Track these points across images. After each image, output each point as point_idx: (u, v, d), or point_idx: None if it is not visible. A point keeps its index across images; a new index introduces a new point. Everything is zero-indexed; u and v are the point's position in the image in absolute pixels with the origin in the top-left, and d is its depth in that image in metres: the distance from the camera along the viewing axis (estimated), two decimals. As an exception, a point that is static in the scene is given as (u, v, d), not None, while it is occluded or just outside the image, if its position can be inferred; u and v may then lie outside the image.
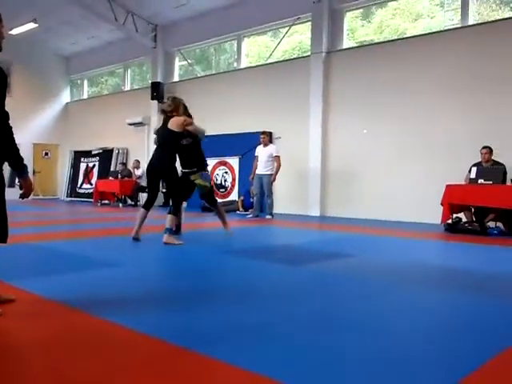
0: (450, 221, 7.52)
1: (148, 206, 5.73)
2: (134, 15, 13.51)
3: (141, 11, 13.44)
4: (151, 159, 5.70)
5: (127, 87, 16.21)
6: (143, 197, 14.03)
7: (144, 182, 13.70)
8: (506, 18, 8.73)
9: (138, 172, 13.81)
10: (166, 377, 1.82)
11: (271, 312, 2.75)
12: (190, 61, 14.30)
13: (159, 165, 5.58)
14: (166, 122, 5.63)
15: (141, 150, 14.89)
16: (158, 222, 6.31)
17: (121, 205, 13.59)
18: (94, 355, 2.03)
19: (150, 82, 14.49)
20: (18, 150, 2.64)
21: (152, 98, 14.04)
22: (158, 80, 14.12)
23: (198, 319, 2.57)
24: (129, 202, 13.99)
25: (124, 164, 14.60)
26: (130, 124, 14.89)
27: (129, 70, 16.25)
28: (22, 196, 2.78)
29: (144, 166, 14.30)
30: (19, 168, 2.67)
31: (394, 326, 2.53)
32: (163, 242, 5.40)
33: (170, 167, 5.53)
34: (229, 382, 1.81)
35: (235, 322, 2.52)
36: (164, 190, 6.17)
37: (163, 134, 5.63)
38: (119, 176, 13.84)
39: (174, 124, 5.52)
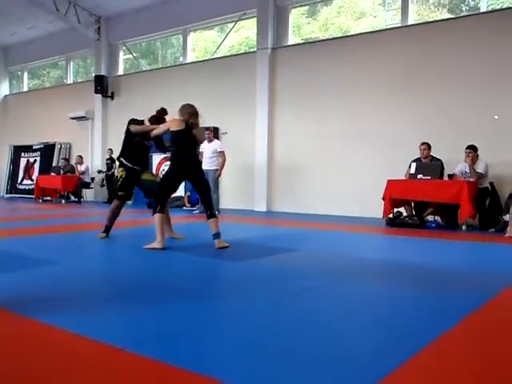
0: (391, 215, 7.74)
1: (162, 210, 5.04)
2: (77, 6, 13.10)
3: (83, 2, 13.04)
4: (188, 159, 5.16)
5: (70, 80, 15.72)
6: (86, 193, 13.69)
7: (87, 178, 13.37)
8: (444, 20, 9.05)
9: (82, 168, 13.42)
10: (101, 378, 1.77)
11: (206, 309, 2.73)
12: (135, 54, 14.02)
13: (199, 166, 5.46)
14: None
15: (84, 145, 14.50)
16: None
17: (63, 201, 13.19)
18: (27, 357, 1.94)
19: (93, 75, 14.10)
20: None
21: (96, 92, 13.69)
22: (102, 73, 13.78)
23: (130, 318, 2.52)
24: (72, 198, 13.59)
25: (67, 159, 14.15)
26: (73, 118, 14.46)
27: (71, 63, 15.75)
28: None
29: (87, 161, 13.99)
30: None
31: (327, 320, 2.56)
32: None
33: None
34: (166, 382, 1.78)
35: (168, 321, 2.49)
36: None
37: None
38: (61, 172, 13.42)
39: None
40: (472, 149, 7.50)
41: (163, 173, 5.66)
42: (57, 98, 15.32)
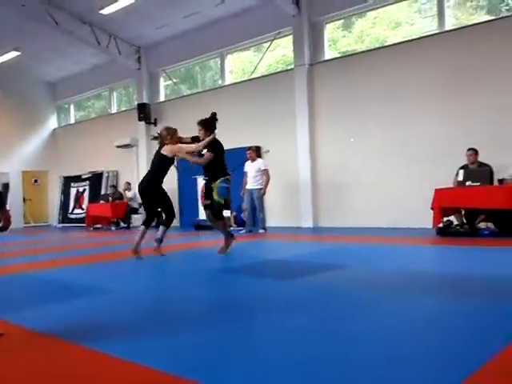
0: (441, 224, 7.55)
1: (147, 223, 6.18)
2: (117, 38, 13.58)
3: (123, 34, 13.51)
4: (140, 182, 6.30)
5: (114, 110, 16.23)
6: (135, 219, 13.99)
7: (136, 204, 13.68)
8: (483, 22, 8.87)
9: (129, 194, 13.76)
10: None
11: (262, 327, 2.74)
12: (175, 80, 14.37)
13: (144, 187, 6.15)
14: (160, 148, 6.21)
15: (130, 172, 14.87)
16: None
17: (114, 228, 13.53)
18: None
19: (136, 103, 14.53)
20: None
21: (139, 119, 14.07)
22: (144, 101, 14.17)
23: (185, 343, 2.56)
24: (122, 224, 13.92)
25: (114, 187, 14.56)
26: (119, 146, 14.86)
27: (114, 93, 16.28)
28: (1, 229, 2.76)
29: (135, 187, 14.32)
30: None
31: (382, 334, 2.52)
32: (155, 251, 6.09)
33: (153, 188, 6.09)
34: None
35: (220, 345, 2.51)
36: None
37: (155, 159, 6.28)
38: (110, 199, 13.79)
39: (167, 150, 6.09)
40: (522, 152, 7.26)
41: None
42: (102, 127, 15.83)
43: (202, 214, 12.58)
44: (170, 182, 13.30)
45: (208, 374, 2.06)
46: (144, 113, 13.94)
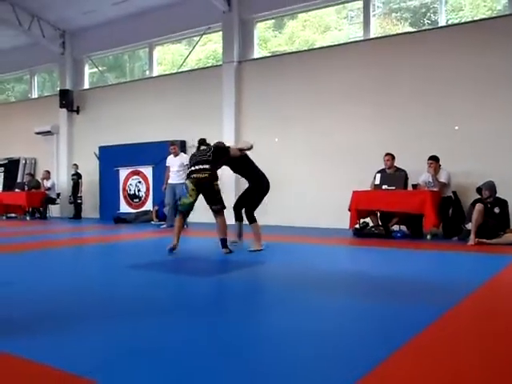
0: (357, 226, 7.79)
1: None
2: (40, 20, 12.94)
3: (47, 16, 12.90)
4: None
5: (35, 95, 15.46)
6: (52, 209, 13.42)
7: (54, 194, 13.10)
8: (406, 33, 9.26)
9: (48, 183, 13.16)
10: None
11: (169, 325, 2.68)
12: (100, 68, 13.90)
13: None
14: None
15: (49, 161, 14.24)
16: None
17: (28, 218, 12.90)
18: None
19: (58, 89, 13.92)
20: None
21: (61, 106, 13.50)
22: (67, 87, 13.60)
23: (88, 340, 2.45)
24: (37, 214, 13.30)
25: (31, 175, 13.87)
26: (38, 133, 14.18)
27: (36, 77, 15.51)
28: None
29: (54, 176, 13.73)
30: None
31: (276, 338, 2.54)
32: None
33: None
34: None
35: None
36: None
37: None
38: (26, 187, 13.13)
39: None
40: (434, 159, 7.64)
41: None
42: (22, 112, 15.03)
43: (123, 208, 12.32)
44: (90, 174, 12.93)
45: (106, 373, 1.98)
46: (66, 100, 13.40)
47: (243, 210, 6.40)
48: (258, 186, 6.34)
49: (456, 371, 1.99)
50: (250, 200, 6.28)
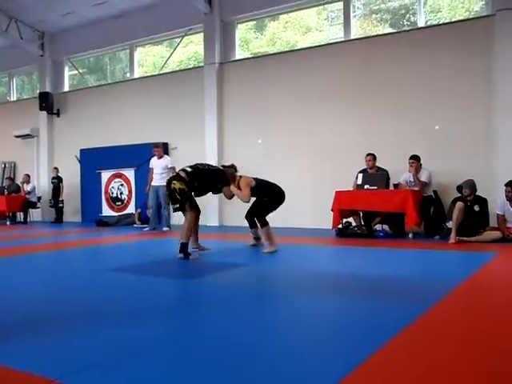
0: (340, 226, 7.83)
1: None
2: (18, 21, 12.77)
3: (25, 17, 12.73)
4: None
5: (14, 97, 15.26)
6: (33, 213, 13.24)
7: (34, 198, 12.93)
8: (385, 34, 9.34)
9: (28, 187, 12.98)
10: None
11: (145, 328, 2.66)
12: (80, 70, 13.77)
13: None
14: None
15: (30, 164, 14.05)
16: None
17: (8, 222, 12.71)
18: None
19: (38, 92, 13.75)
20: None
21: (40, 109, 13.33)
22: (47, 90, 13.45)
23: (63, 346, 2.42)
24: (19, 219, 13.11)
25: (11, 179, 13.67)
26: (18, 136, 13.99)
27: (14, 79, 15.30)
28: None
29: (34, 180, 13.56)
30: None
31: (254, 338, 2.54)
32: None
33: None
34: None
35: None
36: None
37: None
38: (6, 192, 12.93)
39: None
40: (415, 159, 7.71)
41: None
42: (0, 115, 14.80)
43: (106, 211, 12.22)
44: (71, 177, 12.80)
45: (72, 375, 1.96)
46: (46, 102, 13.24)
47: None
48: (276, 199, 6.57)
49: (437, 368, 2.01)
50: (264, 207, 6.42)
